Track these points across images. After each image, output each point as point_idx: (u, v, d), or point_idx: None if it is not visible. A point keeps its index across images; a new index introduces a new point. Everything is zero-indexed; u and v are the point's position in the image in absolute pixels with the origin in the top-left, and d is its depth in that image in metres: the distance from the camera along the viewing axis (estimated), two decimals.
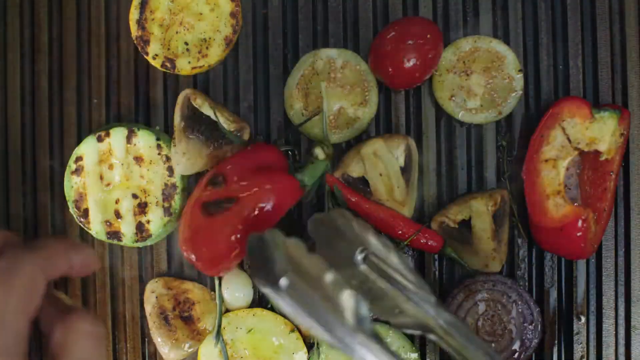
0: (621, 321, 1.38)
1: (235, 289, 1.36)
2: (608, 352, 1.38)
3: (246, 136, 1.36)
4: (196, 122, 1.34)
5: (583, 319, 1.38)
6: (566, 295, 1.39)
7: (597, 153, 1.31)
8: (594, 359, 1.39)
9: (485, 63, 1.37)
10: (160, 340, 1.33)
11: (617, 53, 1.39)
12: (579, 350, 1.39)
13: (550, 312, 1.39)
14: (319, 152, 1.31)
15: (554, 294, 1.39)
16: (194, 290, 1.38)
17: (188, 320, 1.36)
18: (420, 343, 1.40)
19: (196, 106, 1.33)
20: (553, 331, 1.39)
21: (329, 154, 1.32)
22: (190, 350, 1.34)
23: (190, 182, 1.39)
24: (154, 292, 1.36)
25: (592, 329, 1.39)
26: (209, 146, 1.34)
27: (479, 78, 1.37)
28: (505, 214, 1.35)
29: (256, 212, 1.21)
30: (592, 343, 1.39)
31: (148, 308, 1.36)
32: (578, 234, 1.28)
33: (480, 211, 1.32)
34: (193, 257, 1.22)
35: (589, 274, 1.39)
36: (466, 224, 1.36)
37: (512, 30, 1.40)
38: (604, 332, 1.38)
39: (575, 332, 1.39)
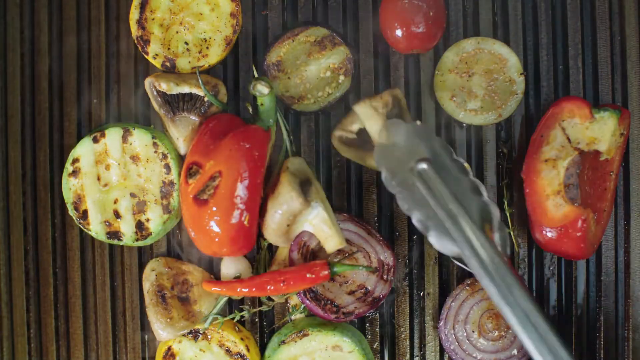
0: (621, 321, 1.38)
1: (234, 268, 1.37)
2: (607, 353, 1.38)
3: (223, 96, 1.37)
4: (174, 101, 1.35)
5: (582, 320, 1.38)
6: (566, 295, 1.39)
7: (597, 153, 1.31)
8: (593, 359, 1.38)
9: (487, 65, 1.37)
10: (154, 318, 1.33)
11: (617, 53, 1.39)
12: (577, 350, 1.38)
13: (549, 312, 1.39)
14: (262, 88, 1.29)
15: (554, 294, 1.39)
16: (194, 273, 1.38)
17: (184, 301, 1.36)
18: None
19: (163, 91, 1.34)
20: None
21: (270, 84, 1.30)
22: (183, 331, 1.34)
23: None
24: (154, 270, 1.37)
25: (592, 330, 1.38)
26: (197, 116, 1.35)
27: (480, 79, 1.37)
28: (400, 111, 1.35)
29: (244, 174, 1.24)
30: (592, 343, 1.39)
31: (146, 285, 1.36)
32: (578, 234, 1.27)
33: (367, 114, 1.30)
34: (217, 251, 1.28)
35: (589, 274, 1.39)
36: None
37: (512, 30, 1.40)
38: (603, 332, 1.38)
39: (574, 331, 1.39)
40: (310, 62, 1.37)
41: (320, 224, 1.28)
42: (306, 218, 1.29)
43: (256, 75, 1.38)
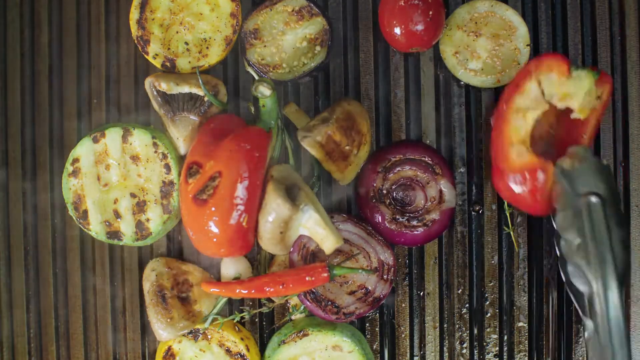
0: None
1: (233, 269, 1.37)
2: None
3: (223, 96, 1.37)
4: (174, 101, 1.35)
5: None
6: (566, 295, 1.39)
7: (570, 111, 1.28)
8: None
9: (496, 29, 1.37)
10: (154, 318, 1.33)
11: (617, 53, 1.39)
12: (578, 350, 1.38)
13: (550, 312, 1.39)
14: (264, 89, 1.30)
15: (554, 294, 1.39)
16: (194, 273, 1.38)
17: (185, 301, 1.36)
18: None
19: (163, 91, 1.34)
20: (553, 331, 1.39)
21: (272, 85, 1.30)
22: (183, 331, 1.34)
23: None
24: (154, 270, 1.37)
25: None
26: (197, 116, 1.35)
27: (486, 42, 1.37)
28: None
29: (244, 175, 1.24)
30: None
31: (147, 285, 1.36)
32: (536, 185, 1.26)
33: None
34: (215, 251, 1.28)
35: None
36: None
37: None
38: None
39: (575, 332, 1.38)
40: (287, 32, 1.37)
41: (314, 227, 1.28)
42: (300, 223, 1.29)
43: (256, 77, 1.38)
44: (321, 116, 1.31)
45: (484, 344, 1.40)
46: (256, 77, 1.36)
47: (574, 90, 1.26)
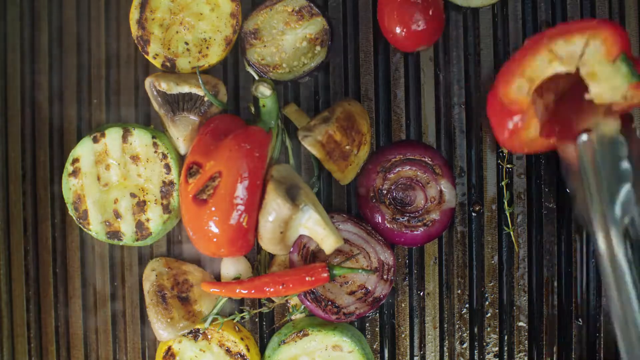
0: None
1: (233, 269, 1.37)
2: (607, 353, 1.38)
3: (223, 96, 1.37)
4: (174, 101, 1.35)
5: (582, 320, 1.38)
6: (565, 295, 1.39)
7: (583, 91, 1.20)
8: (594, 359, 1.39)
9: None
10: (155, 318, 1.33)
11: None
12: (577, 350, 1.38)
13: (549, 312, 1.39)
14: (264, 90, 1.30)
15: (554, 294, 1.39)
16: (194, 273, 1.38)
17: (185, 301, 1.36)
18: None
19: (163, 90, 1.34)
20: (552, 331, 1.39)
21: (272, 85, 1.30)
22: (183, 331, 1.34)
23: None
24: (154, 270, 1.37)
25: (592, 330, 1.38)
26: (197, 116, 1.35)
27: None
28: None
29: (244, 175, 1.24)
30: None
31: (147, 285, 1.36)
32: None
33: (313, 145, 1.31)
34: (215, 251, 1.28)
35: (589, 274, 1.39)
36: None
37: (512, 30, 1.40)
38: (604, 333, 1.38)
39: (574, 332, 1.39)
40: (287, 32, 1.37)
41: (314, 226, 1.28)
42: (300, 222, 1.29)
43: (256, 77, 1.38)
44: (322, 116, 1.31)
45: (484, 344, 1.40)
46: (256, 77, 1.36)
47: (606, 76, 1.15)
